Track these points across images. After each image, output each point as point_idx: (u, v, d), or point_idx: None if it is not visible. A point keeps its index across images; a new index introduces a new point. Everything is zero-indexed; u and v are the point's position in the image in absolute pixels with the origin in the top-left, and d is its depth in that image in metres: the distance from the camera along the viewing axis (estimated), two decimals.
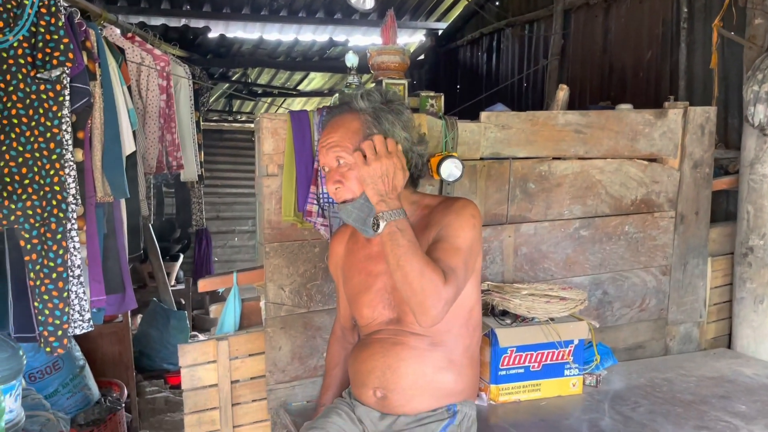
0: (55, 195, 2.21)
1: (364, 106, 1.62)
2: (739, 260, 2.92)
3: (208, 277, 2.35)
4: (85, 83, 2.34)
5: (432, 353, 1.69)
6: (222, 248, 7.64)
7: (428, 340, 1.68)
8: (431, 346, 1.68)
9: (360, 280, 1.77)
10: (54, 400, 3.18)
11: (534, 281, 2.58)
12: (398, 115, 1.64)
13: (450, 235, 1.58)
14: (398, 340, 1.70)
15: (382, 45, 2.76)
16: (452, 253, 1.56)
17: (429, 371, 1.69)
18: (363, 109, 1.62)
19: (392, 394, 1.70)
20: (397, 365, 1.69)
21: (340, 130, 1.63)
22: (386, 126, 1.61)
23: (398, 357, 1.69)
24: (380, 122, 1.61)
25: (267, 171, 2.18)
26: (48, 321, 2.22)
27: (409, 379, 1.68)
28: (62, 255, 2.22)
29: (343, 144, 1.61)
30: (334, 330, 2.05)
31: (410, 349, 1.68)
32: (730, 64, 3.28)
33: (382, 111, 1.62)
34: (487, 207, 2.47)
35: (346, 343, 2.00)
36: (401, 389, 1.69)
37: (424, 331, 1.66)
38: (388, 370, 1.70)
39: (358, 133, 1.61)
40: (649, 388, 2.45)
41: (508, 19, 5.33)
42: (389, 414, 1.72)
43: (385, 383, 1.70)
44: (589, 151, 2.61)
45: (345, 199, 1.63)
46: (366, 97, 1.63)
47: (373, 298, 1.74)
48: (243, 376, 2.28)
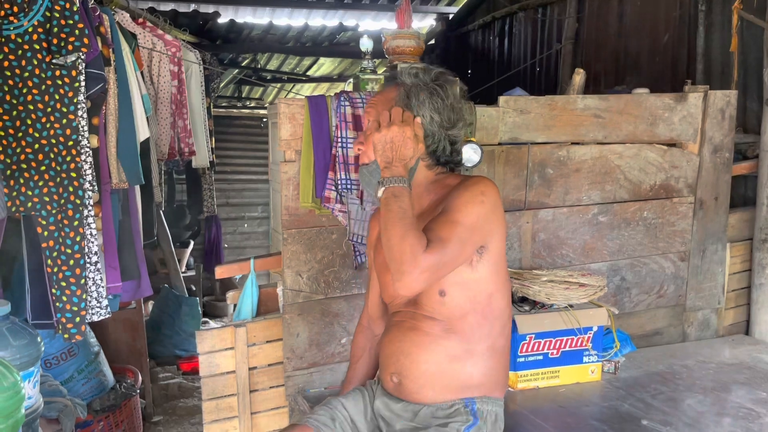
0: (72, 181, 2.20)
1: (406, 80, 1.66)
2: (758, 246, 2.89)
3: (226, 263, 2.34)
4: (100, 69, 2.32)
5: (446, 341, 1.65)
6: (232, 235, 7.63)
7: (442, 326, 1.65)
8: (446, 332, 1.65)
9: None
10: (69, 386, 3.19)
11: (552, 267, 2.56)
12: (431, 96, 1.64)
13: (451, 209, 1.57)
14: (413, 325, 1.68)
15: (397, 29, 2.73)
16: (446, 224, 1.54)
17: (442, 359, 1.65)
18: (403, 82, 1.66)
19: (406, 380, 1.68)
20: (410, 350, 1.67)
21: (379, 95, 1.72)
22: (413, 102, 1.63)
23: (412, 342, 1.67)
24: (410, 98, 1.63)
25: (284, 157, 2.17)
26: (66, 308, 2.22)
27: (422, 366, 1.66)
28: (79, 242, 2.22)
29: (377, 107, 1.67)
30: (361, 320, 2.01)
31: (424, 335, 1.66)
32: (749, 47, 3.22)
33: (417, 88, 1.64)
34: (505, 193, 2.45)
35: (371, 334, 1.96)
36: (414, 376, 1.67)
37: (437, 313, 1.64)
38: (402, 355, 1.69)
39: (389, 102, 1.65)
40: (668, 374, 2.43)
41: (520, 2, 5.26)
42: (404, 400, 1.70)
43: (400, 368, 1.69)
44: (607, 136, 2.58)
45: (363, 162, 1.69)
46: (411, 73, 1.67)
47: None
48: (260, 362, 2.28)
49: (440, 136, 1.66)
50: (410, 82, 1.65)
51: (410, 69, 1.68)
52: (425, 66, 1.71)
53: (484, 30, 5.99)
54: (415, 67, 1.69)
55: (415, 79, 1.66)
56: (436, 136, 1.65)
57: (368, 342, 1.96)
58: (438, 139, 1.66)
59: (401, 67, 1.69)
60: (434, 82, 1.66)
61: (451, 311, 1.62)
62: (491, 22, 5.80)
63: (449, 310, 1.62)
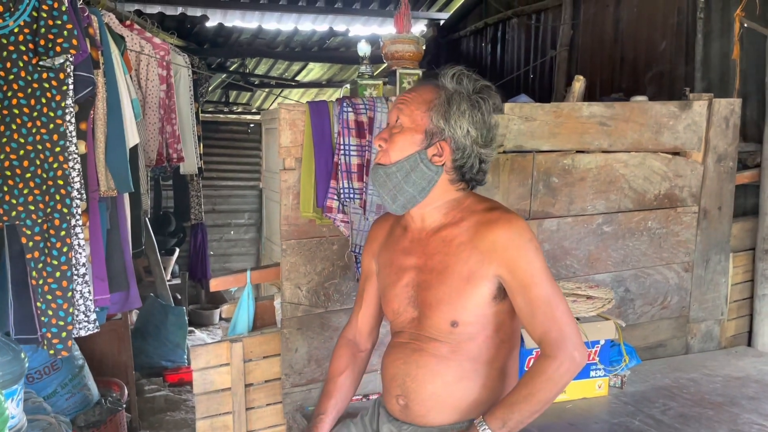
0: (59, 189, 2.09)
1: (447, 84, 1.55)
2: (761, 256, 2.86)
3: (221, 275, 2.24)
4: (89, 71, 2.22)
5: (453, 362, 1.57)
6: (218, 242, 7.51)
7: (448, 348, 1.57)
8: (452, 353, 1.57)
9: (391, 271, 1.67)
10: (53, 401, 3.06)
11: (557, 279, 2.47)
12: (473, 109, 1.53)
13: (532, 284, 1.49)
14: (418, 346, 1.60)
15: (396, 33, 2.66)
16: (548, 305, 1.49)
17: (450, 380, 1.57)
18: (445, 86, 1.56)
19: (413, 403, 1.60)
20: (416, 373, 1.59)
21: (415, 93, 1.58)
22: (453, 110, 1.52)
23: (417, 364, 1.59)
24: (450, 105, 1.52)
25: (284, 164, 2.08)
26: (51, 322, 2.10)
27: (429, 389, 1.58)
28: (66, 252, 2.11)
29: (410, 106, 1.55)
30: (345, 334, 1.86)
31: (429, 357, 1.58)
32: (749, 54, 3.19)
33: (459, 96, 1.53)
34: (509, 202, 2.38)
35: (356, 350, 1.83)
36: (421, 399, 1.59)
37: (445, 337, 1.56)
38: (408, 378, 1.61)
39: (426, 103, 1.54)
40: (675, 389, 2.38)
41: (514, 8, 5.22)
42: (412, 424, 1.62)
43: (406, 391, 1.61)
44: (613, 144, 2.53)
45: (380, 161, 1.57)
46: (456, 77, 1.56)
47: (399, 292, 1.64)
48: (257, 379, 2.18)
49: (472, 152, 1.54)
50: (452, 87, 1.55)
51: (454, 72, 1.56)
52: (469, 72, 1.59)
53: (476, 36, 5.95)
54: (460, 71, 1.57)
55: (457, 85, 1.55)
56: (467, 151, 1.54)
57: (351, 358, 1.81)
58: (469, 155, 1.54)
59: (445, 69, 1.57)
60: (477, 93, 1.56)
61: (459, 337, 1.55)
62: (483, 29, 5.76)
63: (458, 337, 1.55)
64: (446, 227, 1.57)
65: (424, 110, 1.53)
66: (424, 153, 1.52)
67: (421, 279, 1.58)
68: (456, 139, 1.52)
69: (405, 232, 1.66)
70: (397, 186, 1.54)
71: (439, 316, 1.53)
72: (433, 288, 1.54)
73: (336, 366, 1.81)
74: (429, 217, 1.59)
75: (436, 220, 1.59)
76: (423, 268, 1.58)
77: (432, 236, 1.58)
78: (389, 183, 1.54)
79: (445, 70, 1.57)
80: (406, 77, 2.63)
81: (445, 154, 1.53)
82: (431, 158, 1.53)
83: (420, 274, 1.58)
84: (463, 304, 1.51)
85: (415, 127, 1.54)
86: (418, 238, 1.61)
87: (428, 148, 1.53)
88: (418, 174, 1.53)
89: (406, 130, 1.54)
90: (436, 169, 1.53)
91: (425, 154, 1.52)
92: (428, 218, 1.59)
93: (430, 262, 1.57)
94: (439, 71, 1.59)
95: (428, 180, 1.54)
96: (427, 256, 1.58)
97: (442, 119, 1.52)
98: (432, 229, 1.59)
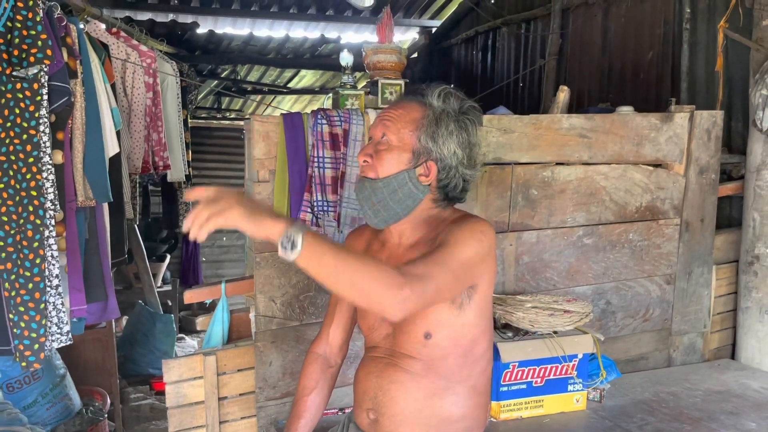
0: (32, 200, 2.08)
1: (435, 103, 1.53)
2: (744, 269, 2.84)
3: (196, 288, 2.23)
4: (64, 82, 2.21)
5: (425, 379, 1.56)
6: (210, 248, 7.49)
7: (422, 365, 1.55)
8: (425, 370, 1.56)
9: None
10: (33, 411, 3.04)
11: (536, 291, 2.48)
12: (459, 129, 1.52)
13: (449, 241, 1.45)
14: (392, 362, 1.59)
15: (378, 43, 2.65)
16: (441, 252, 1.42)
17: (421, 396, 1.56)
18: (432, 105, 1.53)
19: (382, 418, 1.59)
20: (388, 387, 1.58)
21: (402, 110, 1.54)
22: (442, 131, 1.50)
23: (390, 379, 1.58)
24: (438, 126, 1.50)
25: (258, 177, 2.07)
26: (24, 334, 2.09)
27: (400, 404, 1.57)
28: (39, 264, 2.10)
29: (398, 124, 1.52)
30: (313, 349, 1.80)
31: (402, 372, 1.57)
32: (734, 66, 3.19)
33: (448, 117, 1.52)
34: (488, 214, 2.37)
35: (326, 365, 1.78)
36: (391, 414, 1.57)
37: (418, 353, 1.55)
38: (380, 392, 1.59)
39: (414, 122, 1.51)
40: (654, 403, 2.36)
41: (504, 17, 5.22)
42: None
43: (377, 405, 1.60)
44: (593, 156, 2.52)
45: (367, 175, 1.55)
46: (443, 96, 1.54)
47: None
48: (231, 392, 2.16)
49: (457, 172, 1.53)
50: (439, 106, 1.52)
51: (441, 91, 1.54)
52: (454, 91, 1.57)
53: (467, 44, 5.95)
54: (446, 90, 1.55)
55: (444, 103, 1.53)
56: (452, 172, 1.53)
57: (321, 374, 1.76)
58: (454, 175, 1.53)
59: (429, 85, 1.55)
60: (464, 113, 1.54)
61: (432, 352, 1.53)
62: (474, 37, 5.76)
63: (431, 351, 1.53)
64: (421, 241, 1.56)
65: (411, 129, 1.51)
66: (413, 172, 1.51)
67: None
68: (443, 159, 1.51)
69: (382, 247, 1.64)
70: (381, 202, 1.52)
71: (412, 331, 1.52)
72: None
73: (305, 384, 1.76)
74: (407, 233, 1.58)
75: (414, 236, 1.58)
76: None
77: (408, 250, 1.57)
78: (374, 197, 1.53)
79: (432, 88, 1.55)
80: (388, 87, 2.62)
81: (431, 174, 1.52)
82: (418, 178, 1.52)
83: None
84: (433, 314, 1.50)
85: (403, 146, 1.52)
86: (395, 254, 1.59)
87: (416, 167, 1.51)
88: (404, 192, 1.52)
89: (393, 149, 1.53)
90: (423, 188, 1.53)
91: (414, 174, 1.51)
92: (406, 234, 1.58)
93: None
94: (423, 86, 1.56)
95: (414, 199, 1.53)
96: None
97: (430, 140, 1.50)
98: (409, 243, 1.58)
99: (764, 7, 2.76)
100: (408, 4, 6.05)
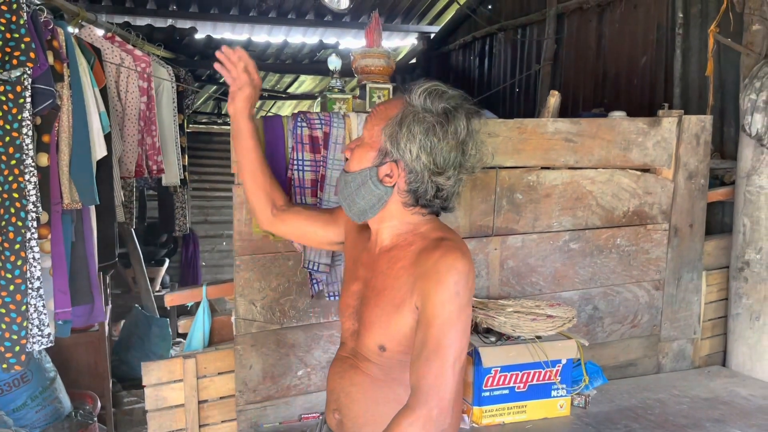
0: (14, 202, 2.08)
1: (414, 101, 1.45)
2: (734, 275, 2.82)
3: (177, 291, 2.22)
4: (49, 84, 2.21)
5: (385, 384, 1.53)
6: (210, 252, 7.50)
7: (380, 371, 1.52)
8: (385, 376, 1.52)
9: (350, 269, 1.66)
10: (22, 414, 3.04)
11: (521, 296, 2.47)
12: (427, 133, 1.41)
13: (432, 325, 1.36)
14: (354, 363, 1.57)
15: (366, 47, 2.65)
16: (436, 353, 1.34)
17: (381, 401, 1.52)
18: (410, 102, 1.45)
19: (346, 419, 1.58)
20: (349, 389, 1.57)
21: (383, 107, 1.51)
22: (403, 132, 1.42)
23: (352, 381, 1.56)
24: (401, 126, 1.43)
25: (237, 179, 2.06)
26: (4, 336, 2.09)
27: (361, 407, 1.55)
28: (21, 266, 2.10)
29: (373, 120, 1.50)
30: None
31: (363, 376, 1.54)
32: (726, 71, 3.18)
33: (415, 118, 1.42)
34: (472, 218, 2.36)
35: None
36: (354, 415, 1.56)
37: (376, 359, 1.52)
38: (342, 393, 1.58)
39: (385, 120, 1.46)
40: (640, 410, 2.34)
41: (500, 23, 5.22)
42: None
43: (340, 406, 1.59)
44: (579, 161, 2.50)
45: (345, 168, 1.55)
46: (426, 95, 1.43)
47: (348, 296, 1.62)
48: (211, 395, 2.15)
49: (423, 177, 1.44)
50: (418, 105, 1.43)
51: (425, 89, 1.43)
52: (442, 90, 1.45)
53: (464, 49, 5.96)
54: (432, 88, 1.44)
55: (423, 103, 1.43)
56: (418, 177, 1.45)
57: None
58: (421, 180, 1.45)
59: (420, 83, 1.46)
60: (439, 115, 1.42)
61: (389, 362, 1.50)
62: (472, 42, 5.77)
63: (387, 360, 1.51)
64: (396, 248, 1.52)
65: (381, 127, 1.47)
66: (374, 170, 1.47)
67: (364, 293, 1.55)
68: (407, 162, 1.44)
69: (368, 241, 1.62)
70: (349, 196, 1.51)
71: (370, 338, 1.50)
72: (370, 307, 1.51)
73: None
74: (382, 235, 1.55)
75: (388, 239, 1.54)
76: (368, 283, 1.55)
77: (383, 254, 1.54)
78: (345, 191, 1.52)
79: (419, 85, 1.46)
80: (375, 91, 2.62)
81: (396, 175, 1.46)
82: (382, 178, 1.47)
83: (365, 288, 1.55)
84: (390, 330, 1.46)
85: (372, 143, 1.48)
86: (373, 253, 1.58)
87: (380, 166, 1.47)
88: (366, 190, 1.49)
89: (364, 145, 1.50)
90: (384, 189, 1.47)
91: (375, 172, 1.47)
92: (381, 235, 1.55)
93: (374, 279, 1.54)
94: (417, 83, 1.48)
95: (377, 197, 1.49)
96: (374, 272, 1.55)
97: (391, 140, 1.44)
98: (383, 247, 1.55)
99: (754, 12, 2.75)
100: (406, 10, 6.06)
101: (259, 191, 1.76)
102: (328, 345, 2.22)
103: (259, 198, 1.77)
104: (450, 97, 1.46)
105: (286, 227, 1.79)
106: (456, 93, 1.48)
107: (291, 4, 5.61)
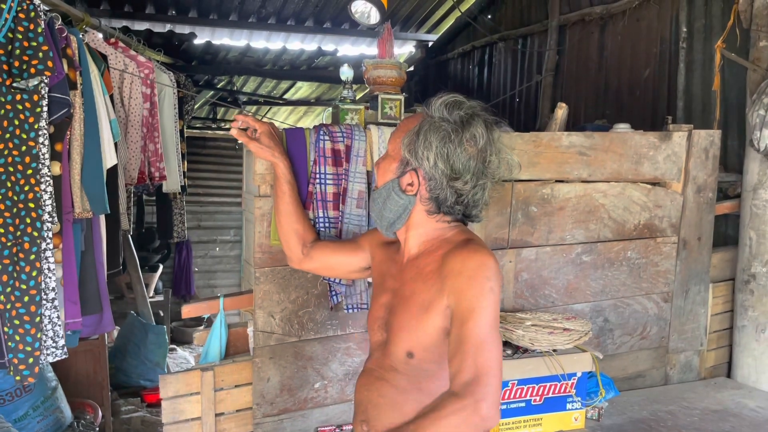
0: (30, 212, 2.06)
1: (433, 112, 1.49)
2: (740, 287, 2.85)
3: (194, 302, 2.21)
4: (65, 93, 2.19)
5: (412, 395, 1.53)
6: (203, 258, 7.45)
7: (408, 381, 1.53)
8: (412, 387, 1.53)
9: (378, 283, 1.68)
10: (23, 424, 3.00)
11: (534, 308, 2.48)
12: (443, 141, 1.45)
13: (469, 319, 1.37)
14: (381, 375, 1.58)
15: (379, 58, 2.65)
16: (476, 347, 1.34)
17: (408, 412, 1.52)
18: (427, 114, 1.51)
19: (374, 430, 1.57)
20: (377, 401, 1.58)
21: (407, 120, 1.56)
22: (420, 141, 1.47)
23: (379, 393, 1.57)
24: (418, 135, 1.48)
25: (259, 191, 2.05)
26: (18, 348, 2.06)
27: (388, 419, 1.55)
28: (35, 277, 2.07)
29: (396, 133, 1.56)
30: None
31: (390, 387, 1.55)
32: (730, 85, 3.22)
33: (432, 127, 1.47)
34: (488, 231, 2.37)
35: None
36: (381, 427, 1.56)
37: (403, 369, 1.53)
38: (370, 405, 1.59)
39: (405, 131, 1.52)
40: (652, 422, 2.36)
41: (501, 32, 5.24)
42: None
43: (368, 418, 1.59)
44: (592, 174, 2.52)
45: (374, 187, 1.60)
46: (445, 106, 1.48)
47: (377, 309, 1.64)
48: (228, 408, 2.14)
49: (442, 184, 1.48)
50: (437, 116, 1.48)
51: (444, 100, 1.49)
52: (462, 100, 1.50)
53: (463, 58, 5.97)
54: (451, 100, 1.49)
55: (441, 112, 1.48)
56: (437, 184, 1.48)
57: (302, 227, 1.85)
58: (440, 187, 1.48)
59: (439, 95, 1.50)
60: (455, 123, 1.46)
61: (416, 370, 1.51)
62: (471, 51, 5.79)
63: (414, 369, 1.51)
64: (423, 255, 1.55)
65: (401, 138, 1.52)
66: (396, 181, 1.52)
67: (393, 303, 1.57)
68: (426, 170, 1.48)
69: (396, 253, 1.65)
70: (379, 211, 1.57)
71: (397, 345, 1.51)
72: (399, 314, 1.52)
73: None
74: (410, 243, 1.58)
75: (415, 247, 1.57)
76: (397, 292, 1.57)
77: (410, 263, 1.57)
78: (375, 206, 1.58)
79: (439, 97, 1.50)
80: (388, 102, 2.62)
81: (417, 183, 1.50)
82: (404, 187, 1.51)
83: (394, 297, 1.58)
84: (418, 334, 1.47)
85: (395, 155, 1.55)
86: (401, 262, 1.61)
87: (401, 177, 1.52)
88: (391, 201, 1.53)
89: (387, 158, 1.57)
90: (408, 198, 1.52)
91: (397, 183, 1.52)
92: (409, 244, 1.58)
93: (403, 288, 1.56)
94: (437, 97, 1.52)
95: (402, 207, 1.53)
96: (402, 281, 1.57)
97: (409, 149, 1.50)
98: (411, 255, 1.58)
99: (761, 28, 2.79)
100: (405, 18, 6.07)
101: (292, 233, 1.83)
102: (345, 357, 2.22)
103: (291, 238, 1.84)
104: (467, 107, 1.50)
105: (314, 264, 1.84)
106: (474, 103, 1.53)
107: (290, 11, 5.60)
